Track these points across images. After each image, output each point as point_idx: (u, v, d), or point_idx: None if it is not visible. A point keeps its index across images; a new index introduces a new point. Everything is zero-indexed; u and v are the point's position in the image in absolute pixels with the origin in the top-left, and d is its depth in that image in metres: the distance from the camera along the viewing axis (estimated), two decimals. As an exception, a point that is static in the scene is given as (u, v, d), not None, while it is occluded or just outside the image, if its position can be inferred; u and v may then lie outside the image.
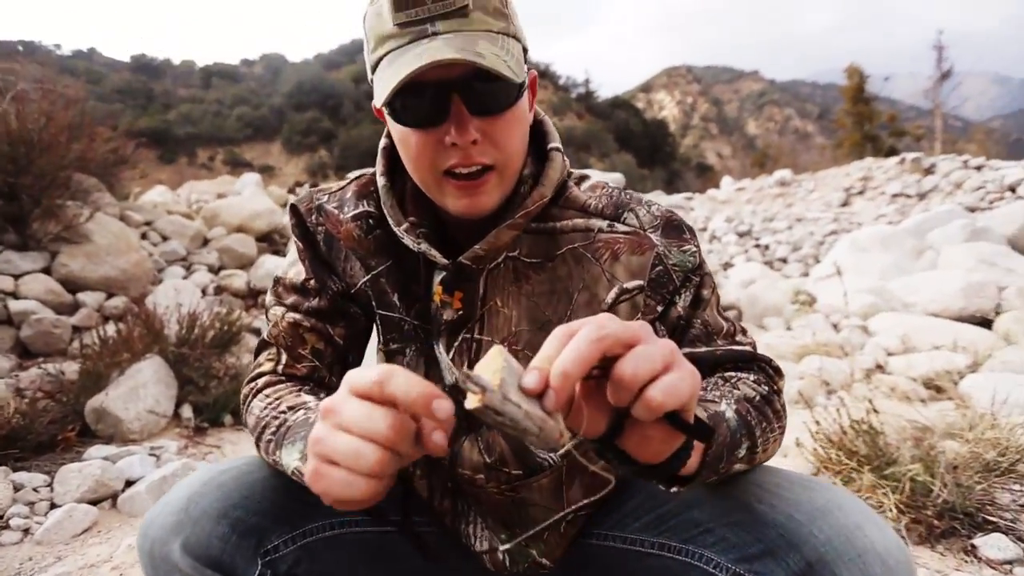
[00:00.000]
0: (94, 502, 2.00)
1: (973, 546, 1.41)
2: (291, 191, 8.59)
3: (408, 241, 0.69)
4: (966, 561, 1.38)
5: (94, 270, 3.61)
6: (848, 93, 28.60)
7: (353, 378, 0.44)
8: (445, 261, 0.68)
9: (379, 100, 0.61)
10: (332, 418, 0.44)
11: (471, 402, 0.38)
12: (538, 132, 0.75)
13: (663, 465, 0.50)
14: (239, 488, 0.63)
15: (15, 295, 3.22)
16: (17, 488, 2.00)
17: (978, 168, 9.43)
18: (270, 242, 5.49)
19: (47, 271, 3.46)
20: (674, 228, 0.73)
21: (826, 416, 1.80)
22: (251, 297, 4.54)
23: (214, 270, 4.73)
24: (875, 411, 1.73)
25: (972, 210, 7.74)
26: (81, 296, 3.51)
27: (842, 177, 11.50)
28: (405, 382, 0.41)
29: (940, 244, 5.38)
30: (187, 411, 2.79)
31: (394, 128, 0.66)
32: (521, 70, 0.63)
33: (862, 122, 27.55)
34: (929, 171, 10.10)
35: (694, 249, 0.73)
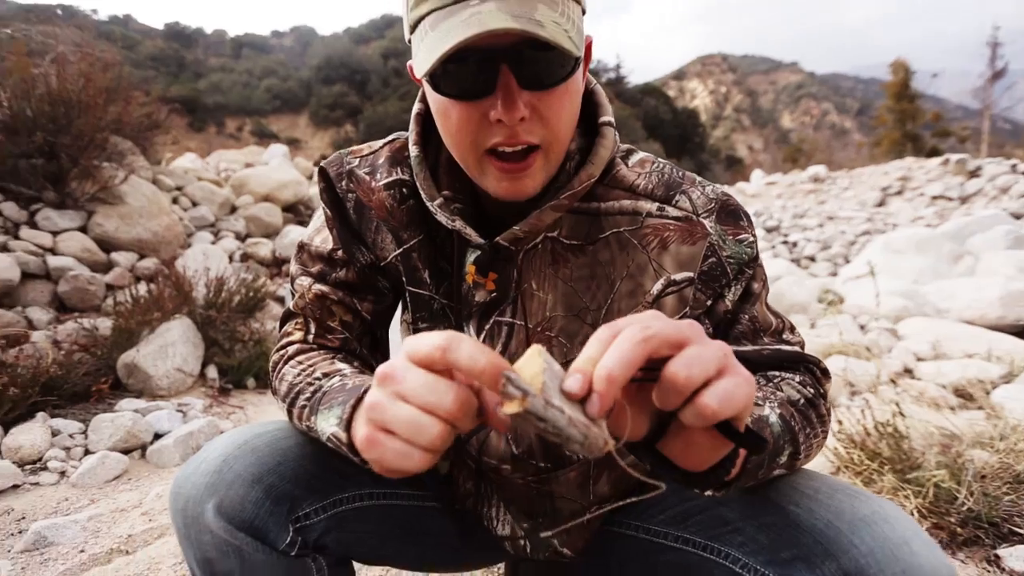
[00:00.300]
0: (125, 451, 2.09)
1: (997, 556, 1.37)
2: (316, 164, 8.65)
3: (442, 218, 0.64)
4: (988, 571, 1.35)
5: (127, 231, 3.70)
6: (892, 89, 27.42)
7: (414, 345, 0.41)
8: (481, 241, 0.63)
9: (420, 69, 0.54)
10: (391, 385, 0.41)
11: (511, 407, 0.36)
12: (588, 103, 0.67)
13: (706, 473, 0.47)
14: (273, 454, 0.62)
15: (53, 251, 3.33)
16: (55, 433, 2.10)
17: (1027, 173, 9.00)
18: (295, 212, 5.56)
19: (83, 230, 3.57)
20: (730, 214, 0.67)
21: (849, 416, 1.76)
22: (275, 266, 4.62)
23: (241, 237, 4.82)
24: (901, 414, 1.69)
25: (1018, 217, 7.40)
26: (115, 256, 3.62)
27: (879, 176, 11.10)
28: (471, 350, 0.39)
29: (980, 250, 5.18)
30: (212, 372, 2.88)
31: (432, 97, 0.59)
32: (581, 40, 0.56)
33: (904, 120, 26.44)
34: (974, 174, 9.68)
35: (751, 239, 0.67)
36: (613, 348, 0.38)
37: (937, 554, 0.49)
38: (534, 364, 0.38)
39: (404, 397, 0.41)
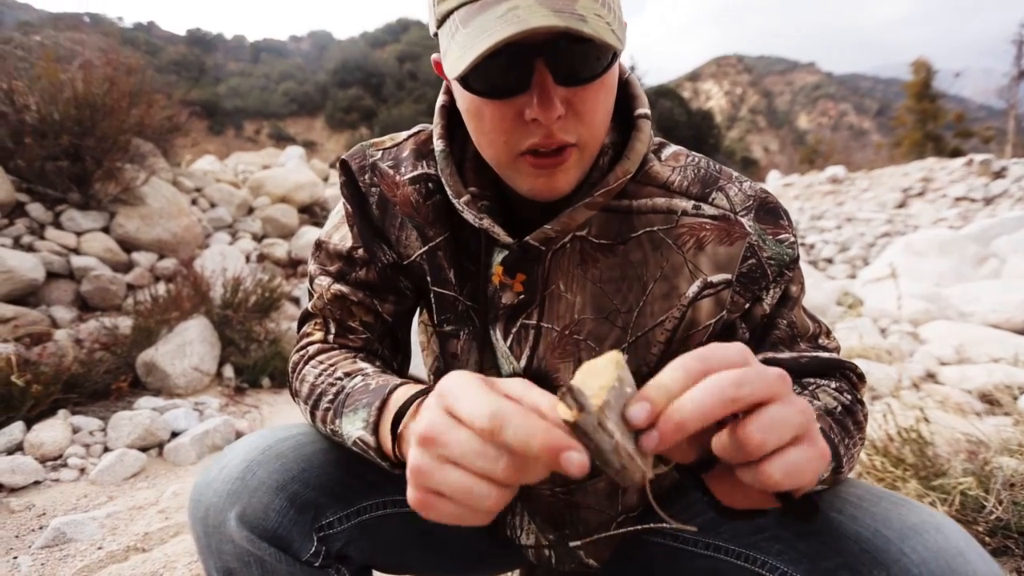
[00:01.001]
0: (143, 449, 2.12)
1: (1028, 567, 1.33)
2: (332, 166, 8.75)
3: (469, 215, 0.60)
4: (1018, 582, 1.31)
5: (148, 231, 3.78)
6: (912, 89, 26.87)
7: (458, 406, 0.38)
8: (510, 240, 0.60)
9: (454, 69, 0.49)
10: (435, 449, 0.38)
11: (565, 414, 0.34)
12: (623, 94, 0.63)
13: (745, 512, 0.45)
14: (297, 460, 0.60)
15: (77, 251, 3.41)
16: (75, 430, 2.14)
17: (1055, 174, 8.75)
18: (311, 214, 5.62)
19: (106, 230, 3.65)
20: (769, 212, 0.63)
21: (871, 422, 1.72)
22: (291, 266, 4.68)
23: (257, 238, 4.89)
24: (926, 420, 1.64)
25: (1044, 218, 7.18)
26: (135, 255, 3.69)
27: (900, 177, 10.88)
28: (525, 431, 0.35)
29: (1006, 252, 5.04)
30: (228, 371, 2.91)
31: (461, 96, 0.55)
32: (623, 31, 0.52)
33: (925, 120, 25.89)
34: (999, 175, 9.43)
35: (792, 239, 0.63)
36: (697, 392, 0.35)
37: (993, 567, 0.46)
38: (605, 374, 0.35)
39: (453, 462, 0.38)
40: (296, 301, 3.89)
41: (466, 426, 0.37)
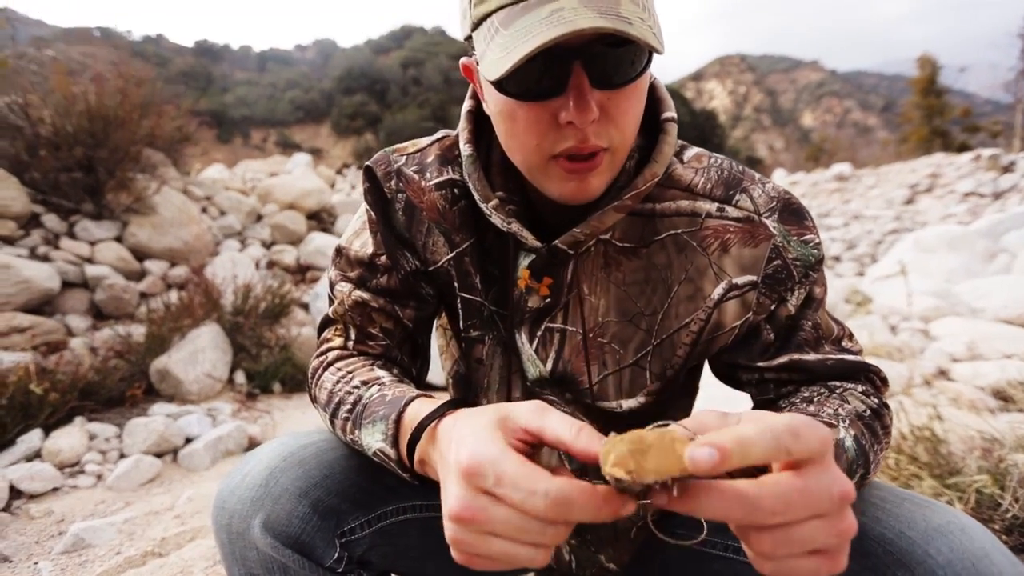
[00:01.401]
0: (158, 455, 2.15)
1: (1045, 565, 1.31)
2: (339, 172, 8.82)
3: (497, 220, 0.60)
4: (1036, 580, 1.30)
5: (160, 240, 3.83)
6: (918, 85, 26.67)
7: (505, 491, 0.38)
8: (538, 244, 0.60)
9: (493, 71, 0.48)
10: (476, 526, 0.38)
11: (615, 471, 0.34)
12: (650, 98, 0.63)
13: None
14: (319, 467, 0.60)
15: (91, 260, 3.46)
16: (92, 437, 2.18)
17: (1065, 167, 8.64)
18: (319, 220, 5.67)
19: (118, 239, 3.70)
20: (794, 213, 0.62)
21: (884, 419, 1.72)
22: (299, 272, 4.71)
23: (266, 245, 4.94)
24: (939, 417, 1.64)
25: (1056, 213, 7.10)
26: (147, 264, 3.74)
27: (907, 173, 10.79)
28: (587, 504, 0.36)
29: (1017, 247, 4.98)
30: (240, 377, 2.94)
31: (495, 99, 0.54)
32: (662, 37, 0.51)
33: (931, 116, 25.68)
34: (1008, 169, 9.33)
35: (817, 240, 0.63)
36: (748, 493, 0.34)
37: (1020, 568, 0.46)
38: (661, 460, 0.33)
39: (494, 534, 0.38)
40: (305, 307, 3.92)
41: (512, 506, 0.37)
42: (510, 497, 0.37)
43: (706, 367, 0.76)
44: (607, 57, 0.49)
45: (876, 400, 0.61)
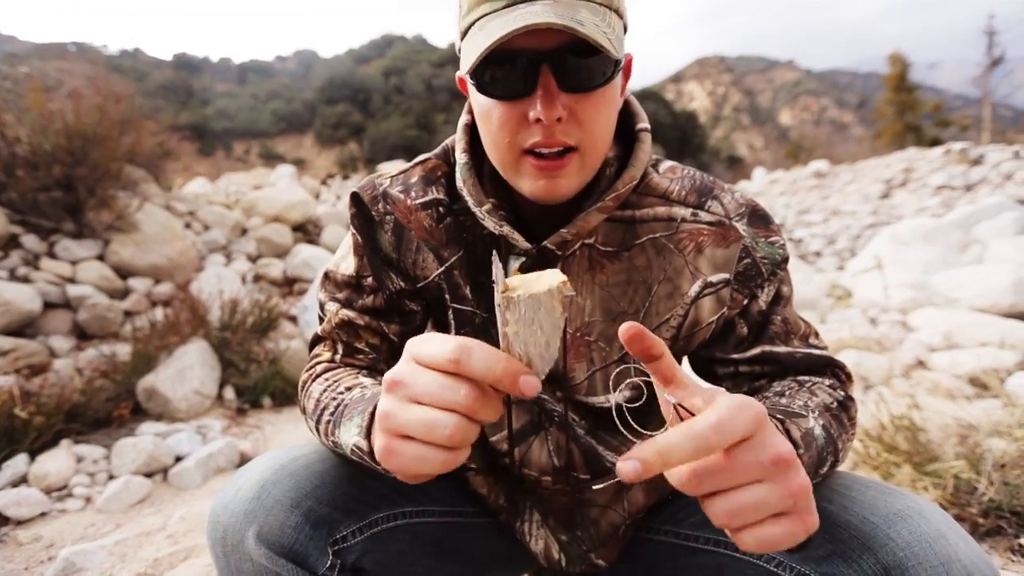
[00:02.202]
0: (147, 475, 2.12)
1: (1020, 545, 1.37)
2: (323, 182, 8.78)
3: (490, 223, 0.65)
4: (1012, 560, 1.35)
5: (143, 258, 3.79)
6: (890, 82, 27.35)
7: (421, 351, 0.42)
8: (528, 246, 0.64)
9: (466, 66, 0.56)
10: (400, 390, 0.42)
11: (497, 296, 0.39)
12: (624, 113, 0.69)
13: None
14: (310, 477, 0.62)
15: (72, 280, 3.41)
16: (79, 459, 2.15)
17: (1032, 159, 8.92)
18: (304, 232, 5.64)
19: (101, 258, 3.65)
20: (760, 218, 0.69)
21: (864, 411, 1.76)
22: (286, 285, 4.69)
23: (252, 258, 4.90)
24: (917, 407, 1.69)
25: (1023, 203, 7.33)
26: (131, 282, 3.69)
27: (882, 168, 11.04)
28: (485, 359, 0.39)
29: (988, 238, 5.14)
30: (229, 392, 2.92)
31: (476, 99, 0.60)
32: (621, 47, 0.57)
33: (904, 111, 26.34)
34: (977, 162, 9.60)
35: (782, 241, 0.69)
36: (687, 441, 0.37)
37: (974, 547, 0.50)
38: (539, 285, 0.39)
39: (416, 399, 0.41)
40: (293, 320, 3.90)
41: (430, 367, 0.41)
42: (425, 352, 0.41)
43: (686, 366, 0.80)
44: (575, 65, 0.55)
45: (842, 393, 0.65)
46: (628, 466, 0.37)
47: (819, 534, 0.54)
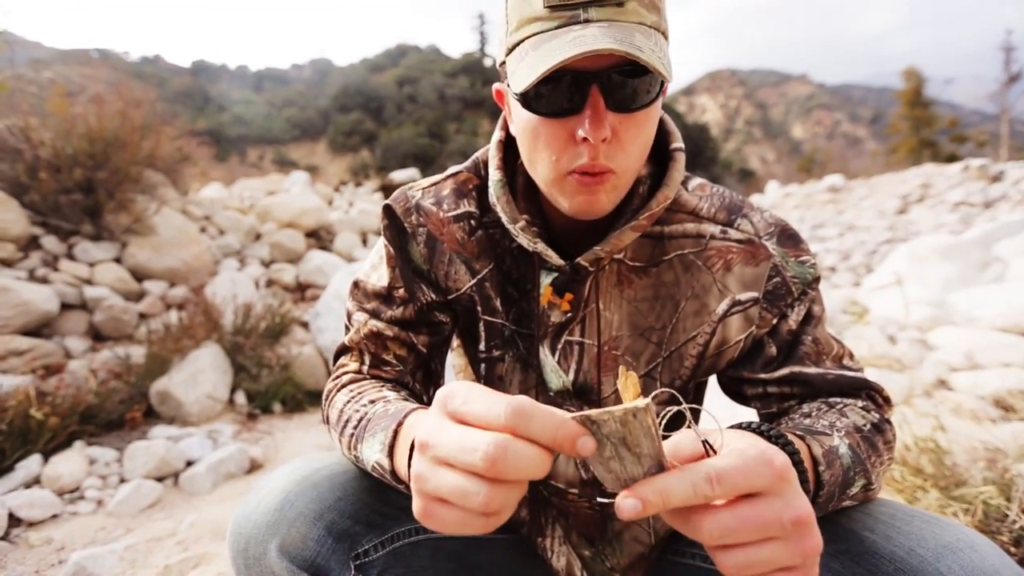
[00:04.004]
0: (159, 479, 2.12)
1: (1055, 577, 1.31)
2: (336, 189, 8.87)
3: (524, 240, 0.65)
4: (1046, 592, 1.29)
5: (159, 261, 3.83)
6: (905, 97, 27.21)
7: (466, 411, 0.39)
8: (561, 263, 0.64)
9: (520, 85, 0.54)
10: (429, 451, 0.39)
11: (585, 446, 0.37)
12: (659, 131, 0.70)
13: None
14: (332, 489, 0.62)
15: (89, 282, 3.45)
16: (91, 462, 2.15)
17: (1052, 176, 8.78)
18: (318, 238, 5.68)
19: (118, 260, 3.70)
20: (790, 237, 0.68)
21: (887, 431, 1.72)
22: (299, 291, 4.71)
23: (265, 264, 4.94)
24: (942, 428, 1.64)
25: (1045, 221, 7.19)
26: (147, 284, 3.73)
27: (898, 184, 10.93)
28: (545, 422, 0.37)
29: (1010, 256, 5.04)
30: (241, 397, 2.92)
31: (520, 115, 0.59)
32: (671, 68, 0.57)
33: (919, 127, 26.16)
34: (996, 179, 9.48)
35: (812, 260, 0.68)
36: (694, 517, 0.38)
37: None
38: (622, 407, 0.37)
39: (445, 462, 0.38)
40: (305, 325, 3.91)
41: (475, 425, 0.38)
42: (474, 411, 0.38)
43: (713, 386, 0.78)
44: (623, 84, 0.54)
45: (877, 415, 0.63)
46: (628, 503, 0.36)
47: (861, 565, 0.52)
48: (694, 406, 0.43)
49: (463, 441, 0.37)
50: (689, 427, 0.42)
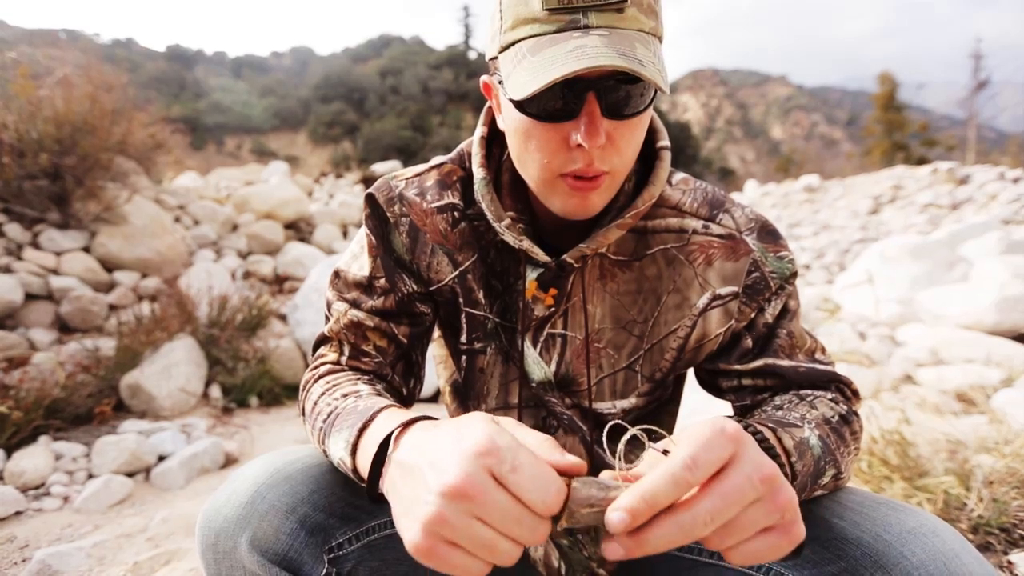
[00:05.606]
0: (129, 474, 2.07)
1: (1009, 562, 1.38)
2: (316, 181, 8.72)
3: (509, 237, 0.65)
4: (1001, 577, 1.35)
5: (131, 251, 3.71)
6: (879, 100, 27.94)
7: (516, 478, 0.38)
8: (547, 259, 0.65)
9: (518, 92, 0.53)
10: (468, 505, 0.38)
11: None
12: (647, 129, 0.70)
13: None
14: (306, 482, 0.60)
15: (56, 272, 3.34)
16: (57, 457, 2.09)
17: (1015, 180, 9.13)
18: (297, 229, 5.58)
19: (86, 250, 3.58)
20: (770, 233, 0.70)
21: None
22: (277, 283, 4.62)
23: (243, 255, 4.83)
24: (907, 421, 1.71)
25: (1007, 223, 7.50)
26: (117, 275, 3.62)
27: (872, 185, 11.24)
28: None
29: (974, 256, 5.23)
30: (215, 391, 2.86)
31: (513, 117, 0.59)
32: (667, 77, 0.57)
33: (892, 130, 26.92)
34: (963, 182, 9.81)
35: (790, 256, 0.69)
36: (682, 517, 0.38)
37: (987, 567, 0.49)
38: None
39: (484, 521, 0.38)
40: (283, 318, 3.85)
41: (516, 494, 0.38)
42: (522, 485, 0.38)
43: (691, 379, 0.80)
44: (619, 91, 0.54)
45: (845, 407, 0.65)
46: (615, 517, 0.37)
47: (830, 551, 0.54)
48: (649, 427, 0.43)
49: (510, 514, 0.38)
50: (647, 447, 0.43)
